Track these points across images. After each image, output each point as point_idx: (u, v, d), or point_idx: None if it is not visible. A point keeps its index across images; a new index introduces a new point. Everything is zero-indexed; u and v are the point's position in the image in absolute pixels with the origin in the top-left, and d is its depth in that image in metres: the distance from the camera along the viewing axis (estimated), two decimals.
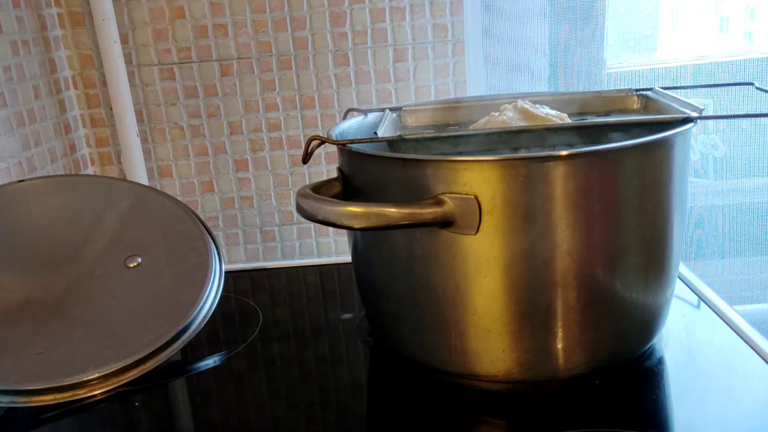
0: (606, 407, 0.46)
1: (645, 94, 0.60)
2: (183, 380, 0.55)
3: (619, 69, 1.00)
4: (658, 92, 0.58)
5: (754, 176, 1.01)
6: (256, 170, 0.92)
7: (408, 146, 0.50)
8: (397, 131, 0.59)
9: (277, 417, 0.49)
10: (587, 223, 0.44)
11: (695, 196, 1.03)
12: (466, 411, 0.47)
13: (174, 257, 0.59)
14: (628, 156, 0.44)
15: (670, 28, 1.04)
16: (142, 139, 0.90)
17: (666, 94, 0.56)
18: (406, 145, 0.48)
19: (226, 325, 0.64)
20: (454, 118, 0.62)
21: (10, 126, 0.74)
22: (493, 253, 0.44)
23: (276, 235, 0.95)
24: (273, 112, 0.90)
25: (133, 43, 0.87)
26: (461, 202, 0.43)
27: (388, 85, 0.89)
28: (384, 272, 0.51)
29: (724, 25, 1.06)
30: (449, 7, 0.86)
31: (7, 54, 0.74)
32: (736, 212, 1.03)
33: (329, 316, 0.64)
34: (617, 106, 0.61)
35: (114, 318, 0.56)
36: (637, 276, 0.47)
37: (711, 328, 0.56)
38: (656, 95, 0.58)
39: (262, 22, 0.87)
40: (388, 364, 0.55)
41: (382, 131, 0.53)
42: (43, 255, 0.59)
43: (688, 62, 1.00)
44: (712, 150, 1.02)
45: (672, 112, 0.51)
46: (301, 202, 0.45)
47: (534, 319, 0.46)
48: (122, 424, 0.50)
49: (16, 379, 0.50)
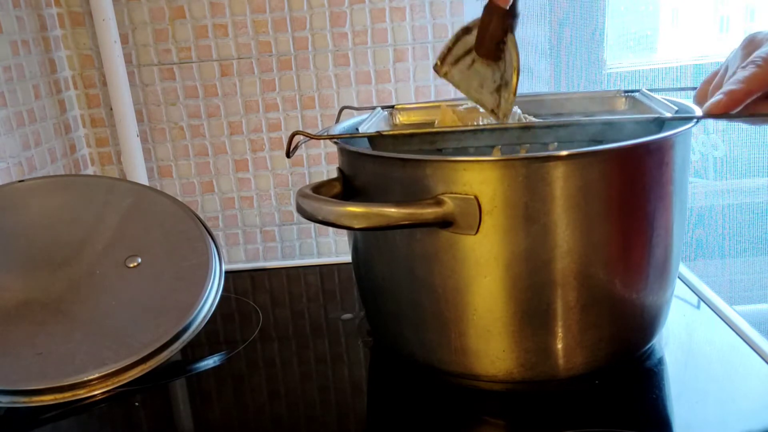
0: (606, 407, 0.46)
1: (632, 95, 0.60)
2: (183, 380, 0.55)
3: (619, 69, 1.00)
4: (645, 93, 0.58)
5: (754, 176, 1.01)
6: (256, 170, 0.92)
7: (387, 143, 0.50)
8: (383, 128, 0.59)
9: (277, 417, 0.49)
10: (587, 223, 0.44)
11: (695, 196, 1.03)
12: (466, 411, 0.47)
13: (174, 257, 0.59)
14: (628, 156, 0.44)
15: (670, 28, 1.04)
16: (142, 139, 0.90)
17: (653, 95, 0.57)
18: (385, 141, 0.49)
19: (226, 325, 0.64)
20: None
21: (10, 126, 0.74)
22: (493, 253, 0.44)
23: (276, 235, 0.95)
24: (273, 112, 0.90)
25: (133, 43, 0.87)
26: (461, 202, 0.43)
27: (388, 85, 0.89)
28: (384, 272, 0.51)
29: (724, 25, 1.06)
30: (449, 7, 0.86)
31: (7, 54, 0.75)
32: (736, 212, 1.03)
33: (329, 316, 0.64)
34: (606, 106, 0.61)
35: (114, 318, 0.56)
36: (637, 276, 0.47)
37: (711, 328, 0.56)
38: (643, 96, 0.58)
39: (262, 22, 0.87)
40: (388, 364, 0.55)
41: (366, 128, 0.54)
42: (43, 255, 0.59)
43: (688, 62, 1.00)
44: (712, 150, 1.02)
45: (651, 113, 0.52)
46: (302, 202, 0.45)
47: (534, 319, 0.46)
48: (122, 424, 0.50)
49: (16, 379, 0.50)
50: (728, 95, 0.43)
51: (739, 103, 0.43)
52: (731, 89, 0.44)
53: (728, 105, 0.44)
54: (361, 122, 0.60)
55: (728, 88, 0.44)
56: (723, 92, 0.44)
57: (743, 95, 0.43)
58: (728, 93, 0.44)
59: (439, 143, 0.52)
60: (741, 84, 0.43)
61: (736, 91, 0.43)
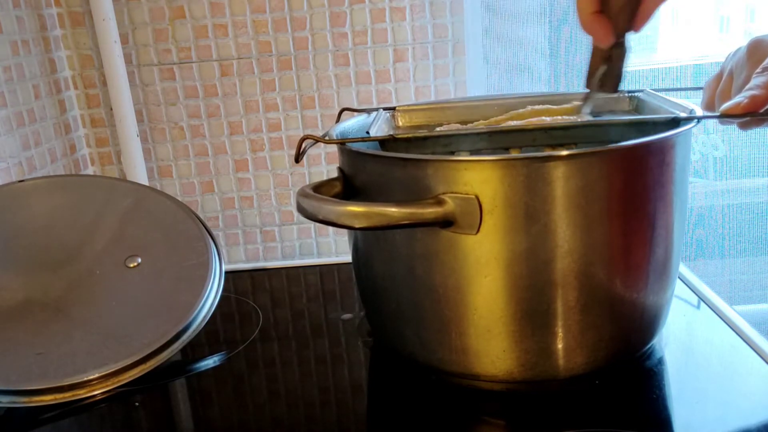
0: (606, 407, 0.46)
1: (636, 96, 0.60)
2: (183, 380, 0.55)
3: None
4: (649, 93, 0.58)
5: (754, 176, 1.01)
6: (256, 170, 0.92)
7: (399, 146, 0.49)
8: (390, 131, 0.59)
9: (277, 417, 0.49)
10: (588, 223, 0.44)
11: (695, 196, 1.03)
12: (466, 411, 0.47)
13: (174, 257, 0.59)
14: (628, 156, 0.44)
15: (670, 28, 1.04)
16: (142, 139, 0.90)
17: (657, 95, 0.57)
18: (398, 144, 0.48)
19: (226, 325, 0.64)
20: (447, 119, 0.62)
21: (10, 126, 0.74)
22: (493, 253, 0.44)
23: (276, 235, 0.95)
24: (273, 112, 0.90)
25: (133, 43, 0.87)
26: (462, 201, 0.43)
27: (388, 85, 0.89)
28: (384, 272, 0.51)
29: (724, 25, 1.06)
30: (449, 7, 0.86)
31: (7, 54, 0.74)
32: (736, 212, 1.03)
33: (329, 316, 0.64)
34: (608, 107, 0.61)
35: (114, 318, 0.56)
36: (637, 276, 0.47)
37: (711, 328, 0.56)
38: (647, 96, 0.58)
39: (262, 22, 0.87)
40: (388, 364, 0.55)
41: (374, 131, 0.53)
42: (43, 255, 0.59)
43: (688, 62, 1.00)
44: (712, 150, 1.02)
45: (663, 114, 0.51)
46: (302, 202, 0.45)
47: (534, 319, 0.46)
48: (122, 424, 0.50)
49: (16, 379, 0.50)
50: (751, 99, 0.45)
51: (761, 106, 0.45)
52: (753, 94, 0.45)
53: (748, 107, 0.45)
54: (361, 123, 0.60)
55: (750, 93, 0.46)
56: (745, 96, 0.46)
57: (764, 101, 0.45)
58: (751, 97, 0.45)
59: (453, 146, 0.52)
60: (762, 90, 0.45)
61: (759, 97, 0.45)
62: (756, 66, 0.47)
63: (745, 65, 0.49)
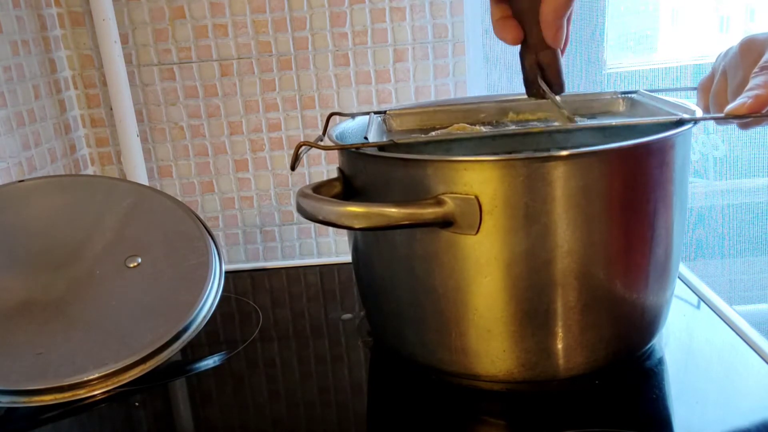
0: (606, 407, 0.46)
1: (631, 97, 0.60)
2: (183, 380, 0.55)
3: (618, 69, 1.00)
4: (644, 94, 0.58)
5: (754, 176, 1.01)
6: (256, 170, 0.92)
7: (399, 151, 0.49)
8: (383, 135, 0.58)
9: (277, 417, 0.49)
10: (587, 223, 0.44)
11: (695, 196, 1.03)
12: (466, 411, 0.47)
13: (174, 257, 0.59)
14: (628, 156, 0.44)
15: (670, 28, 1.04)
16: (142, 139, 0.90)
17: (652, 95, 0.56)
18: (398, 149, 0.48)
19: (226, 325, 0.64)
20: (439, 122, 0.62)
21: (10, 126, 0.74)
22: (493, 253, 0.44)
23: (276, 235, 0.95)
24: (273, 112, 0.90)
25: (133, 43, 0.87)
26: (462, 202, 0.43)
27: (388, 85, 0.89)
28: (384, 272, 0.51)
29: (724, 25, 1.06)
30: (449, 7, 0.86)
31: (7, 54, 0.74)
32: (736, 212, 1.03)
33: (329, 316, 0.64)
34: (603, 108, 0.61)
35: (114, 318, 0.56)
36: (637, 276, 0.47)
37: (711, 328, 0.56)
38: (641, 97, 0.58)
39: (262, 22, 0.87)
40: (388, 364, 0.55)
41: (371, 135, 0.53)
42: (43, 255, 0.59)
43: (688, 62, 1.00)
44: (712, 150, 1.02)
45: (660, 115, 0.51)
46: (302, 202, 0.45)
47: (534, 319, 0.46)
48: (122, 424, 0.50)
49: (16, 379, 0.50)
50: (755, 99, 0.45)
51: (765, 106, 0.45)
52: (757, 94, 0.45)
53: (752, 108, 0.45)
54: (361, 124, 0.60)
55: (753, 93, 0.46)
56: (749, 96, 0.46)
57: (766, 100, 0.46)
58: (755, 97, 0.45)
59: (455, 150, 0.52)
60: (765, 89, 0.45)
61: (762, 96, 0.45)
62: (751, 66, 0.47)
63: (740, 65, 0.49)
